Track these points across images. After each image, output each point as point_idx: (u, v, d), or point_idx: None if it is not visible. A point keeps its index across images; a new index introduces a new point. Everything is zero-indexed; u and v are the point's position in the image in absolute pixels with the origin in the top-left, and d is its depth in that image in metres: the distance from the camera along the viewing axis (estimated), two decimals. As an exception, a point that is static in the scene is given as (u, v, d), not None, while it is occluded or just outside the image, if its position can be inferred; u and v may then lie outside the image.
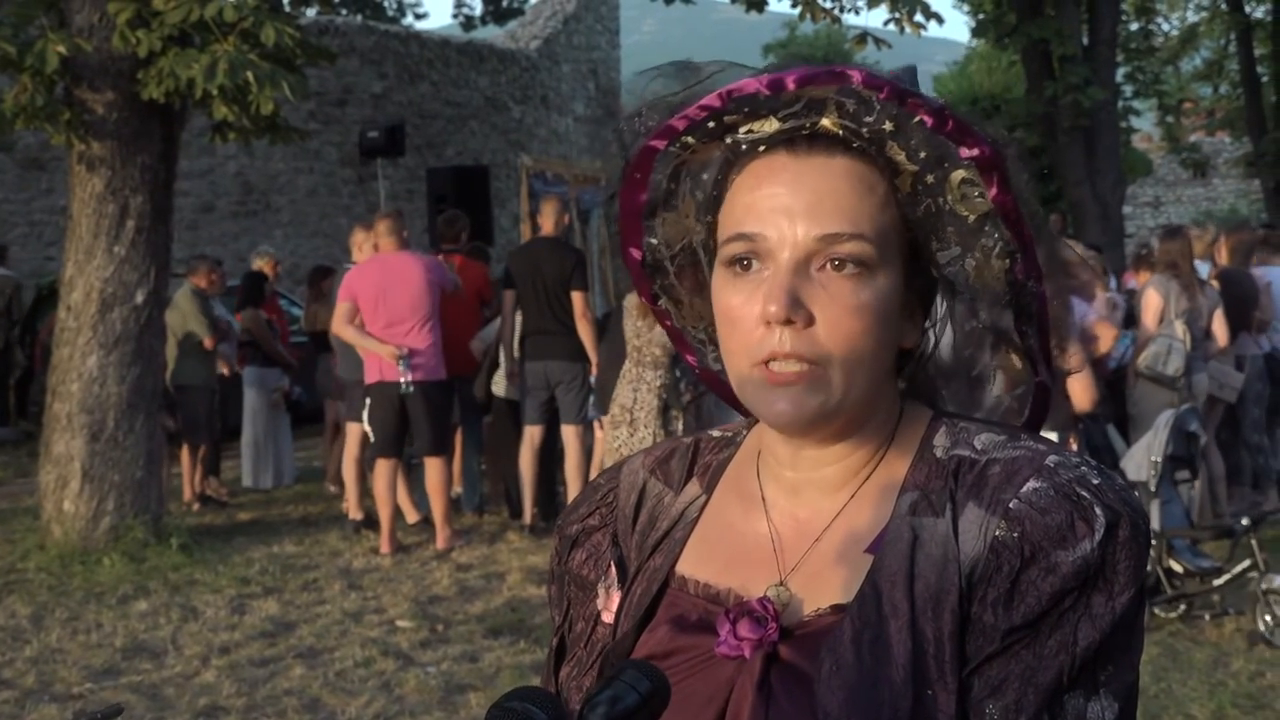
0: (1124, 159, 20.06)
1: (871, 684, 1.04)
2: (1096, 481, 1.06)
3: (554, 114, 22.19)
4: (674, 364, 6.46)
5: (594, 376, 7.72)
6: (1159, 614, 5.98)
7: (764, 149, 1.12)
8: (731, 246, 1.11)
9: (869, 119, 1.08)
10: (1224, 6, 25.56)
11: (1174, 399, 7.24)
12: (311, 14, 17.70)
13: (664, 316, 1.28)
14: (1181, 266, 7.62)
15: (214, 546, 8.05)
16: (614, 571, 1.25)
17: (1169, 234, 8.11)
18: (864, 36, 9.95)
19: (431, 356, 7.72)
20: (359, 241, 8.61)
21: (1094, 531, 1.04)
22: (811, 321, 1.07)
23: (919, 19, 9.92)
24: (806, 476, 1.16)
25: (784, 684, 1.08)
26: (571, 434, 8.05)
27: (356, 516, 8.42)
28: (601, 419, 7.32)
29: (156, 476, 8.14)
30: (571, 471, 8.01)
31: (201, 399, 9.53)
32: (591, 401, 7.83)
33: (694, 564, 1.19)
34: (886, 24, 10.26)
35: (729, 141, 1.13)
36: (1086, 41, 18.24)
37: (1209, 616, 6.00)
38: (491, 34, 24.37)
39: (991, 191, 1.10)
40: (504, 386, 8.37)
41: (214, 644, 6.05)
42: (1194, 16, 28.54)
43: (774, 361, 1.08)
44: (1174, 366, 7.36)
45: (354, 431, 8.39)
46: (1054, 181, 20.88)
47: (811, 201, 1.08)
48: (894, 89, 1.07)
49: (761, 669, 1.08)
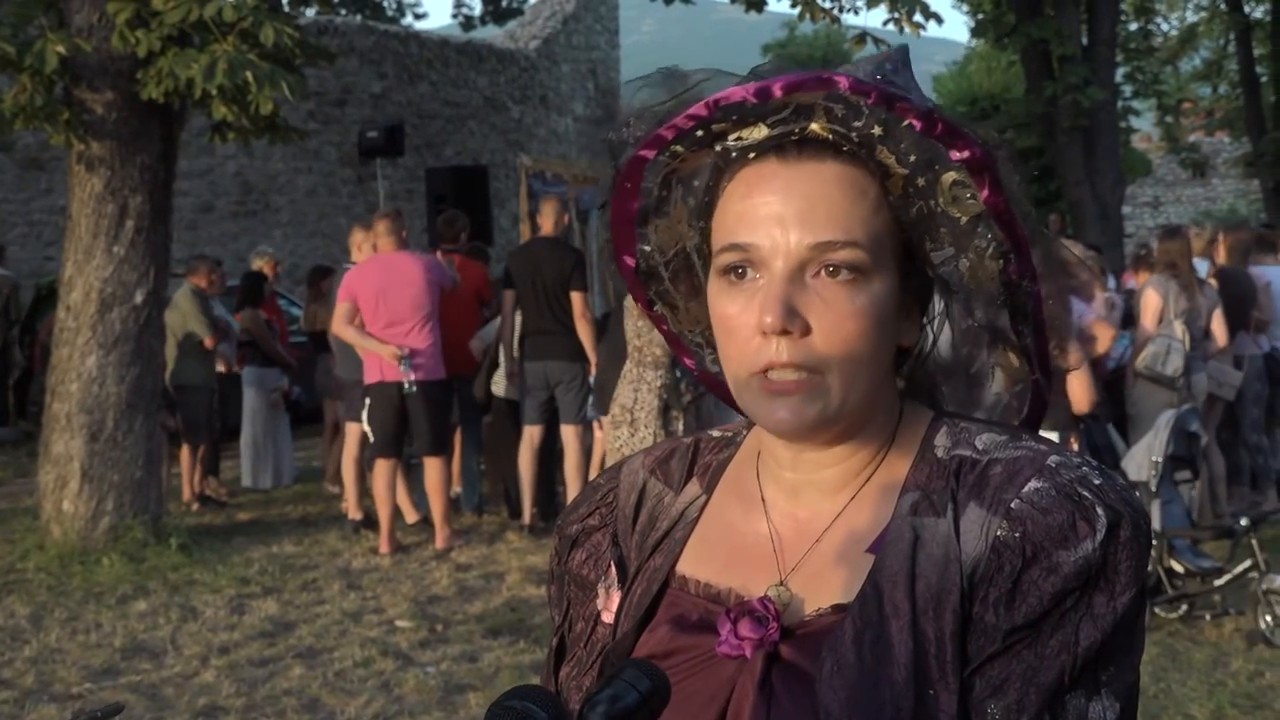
0: (1123, 159, 20.06)
1: (873, 684, 1.04)
2: (1098, 482, 1.06)
3: (553, 114, 22.20)
4: (674, 364, 6.44)
5: (593, 376, 7.72)
6: (1160, 614, 5.98)
7: (754, 155, 1.11)
8: (725, 256, 1.11)
9: (858, 124, 1.07)
10: (1223, 6, 25.57)
11: (1173, 399, 7.24)
12: (311, 14, 17.68)
13: (660, 321, 1.28)
14: (1180, 266, 7.62)
15: (213, 546, 8.05)
16: (614, 571, 1.25)
17: (1168, 234, 8.11)
18: (863, 36, 9.96)
19: (431, 356, 7.72)
20: (358, 241, 8.61)
21: (1095, 532, 1.04)
22: (808, 330, 1.07)
23: (918, 19, 9.93)
24: (807, 478, 1.16)
25: (785, 684, 1.08)
26: (571, 434, 8.05)
27: (356, 516, 8.42)
28: (601, 419, 7.32)
29: (156, 476, 8.14)
30: (571, 471, 8.01)
31: (201, 399, 9.54)
32: (591, 401, 7.83)
33: (694, 564, 1.19)
34: (886, 24, 10.27)
35: (719, 149, 1.13)
36: (1086, 41, 18.25)
37: (1210, 617, 6.00)
38: (491, 34, 24.36)
39: (983, 193, 1.10)
40: (504, 386, 8.37)
41: (213, 644, 6.05)
42: (1193, 16, 28.56)
43: (772, 371, 1.08)
44: (1173, 366, 7.36)
45: (353, 431, 8.39)
46: (1053, 181, 20.90)
47: (803, 208, 1.08)
48: (881, 93, 1.07)
49: (763, 669, 1.08)
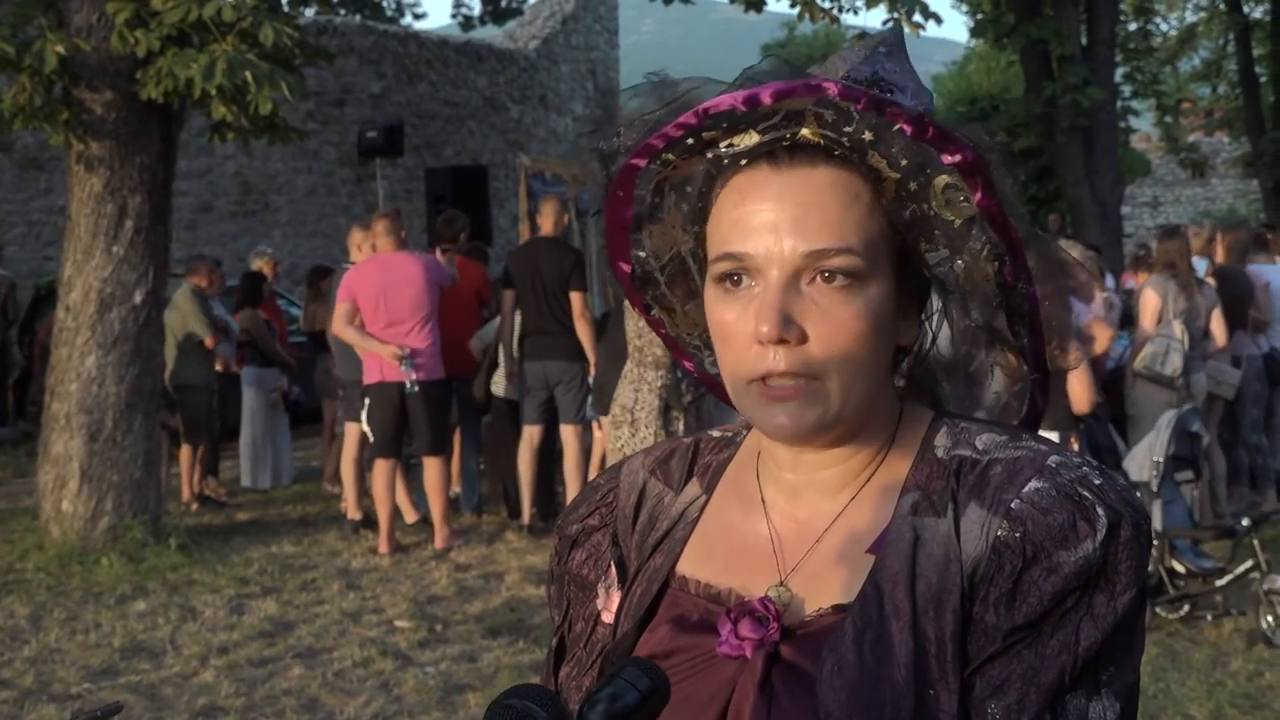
0: (1122, 159, 20.05)
1: (873, 684, 1.04)
2: (1098, 482, 1.06)
3: (552, 114, 22.20)
4: (675, 364, 6.45)
5: (592, 377, 7.72)
6: (1162, 614, 5.98)
7: (746, 162, 1.11)
8: (720, 265, 1.11)
9: (848, 129, 1.07)
10: (1222, 6, 25.57)
11: (1172, 399, 7.24)
12: (310, 14, 17.65)
13: (658, 326, 1.28)
14: (1180, 266, 7.62)
15: (212, 546, 8.05)
16: (614, 571, 1.25)
17: (1167, 234, 8.11)
18: (863, 36, 9.92)
19: (431, 356, 7.72)
20: (357, 241, 8.60)
21: (1096, 532, 1.04)
22: (804, 338, 1.07)
23: (917, 19, 9.95)
24: (807, 478, 1.16)
25: (786, 684, 1.08)
26: (570, 434, 8.05)
27: (355, 516, 8.42)
28: (600, 419, 7.32)
29: (155, 476, 8.14)
30: (570, 471, 8.01)
31: (201, 399, 9.54)
32: (590, 401, 7.83)
33: (694, 564, 1.19)
34: (885, 24, 10.30)
35: (710, 156, 1.13)
36: (1085, 41, 18.24)
37: (1211, 617, 6.00)
38: (490, 34, 24.35)
39: (976, 196, 1.10)
40: (503, 386, 8.37)
41: (212, 644, 6.05)
42: (1192, 16, 28.55)
43: (770, 378, 1.08)
44: (1172, 366, 7.36)
45: (352, 431, 8.39)
46: (1052, 181, 20.91)
47: (797, 215, 1.08)
48: (871, 99, 1.06)
49: (763, 669, 1.08)
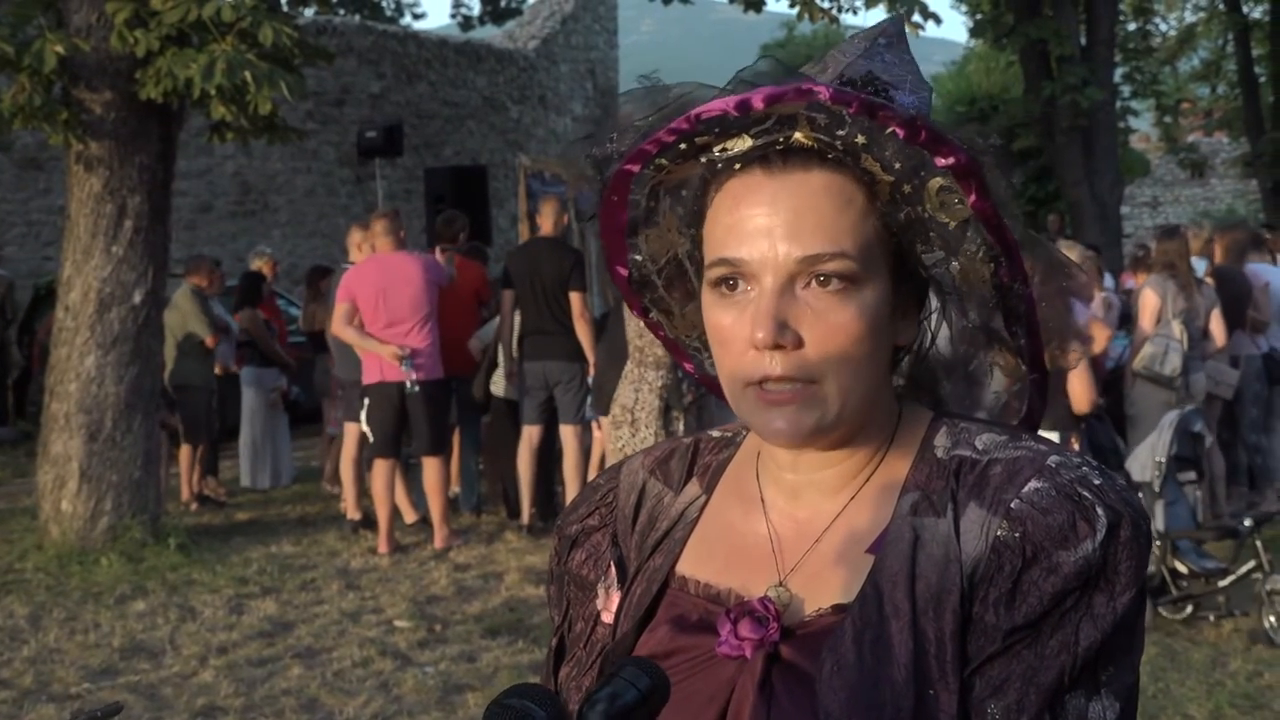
0: (1122, 159, 20.06)
1: (873, 684, 1.04)
2: (1098, 482, 1.06)
3: (552, 114, 22.20)
4: (675, 365, 6.44)
5: (592, 377, 7.72)
6: (1164, 615, 5.98)
7: (739, 167, 1.11)
8: (716, 270, 1.11)
9: (841, 132, 1.07)
10: (1221, 7, 25.58)
11: (1171, 399, 7.24)
12: (309, 14, 17.64)
13: (657, 328, 1.28)
14: (1179, 267, 7.62)
15: (212, 546, 8.05)
16: (614, 571, 1.25)
17: (1166, 234, 8.11)
18: (862, 35, 9.95)
19: (431, 356, 7.72)
20: (356, 241, 8.60)
21: (1095, 532, 1.04)
22: (800, 342, 1.07)
23: (917, 19, 9.94)
24: (807, 479, 1.16)
25: (785, 684, 1.08)
26: (570, 434, 8.05)
27: (354, 516, 8.42)
28: (599, 419, 7.32)
29: (154, 476, 8.14)
30: (569, 471, 8.01)
31: (200, 399, 9.54)
32: (589, 402, 7.83)
33: (694, 564, 1.19)
34: (885, 24, 10.26)
35: (704, 160, 1.13)
36: (1084, 42, 18.25)
37: (1214, 617, 6.00)
38: (489, 34, 24.35)
39: (970, 198, 1.10)
40: (503, 386, 8.37)
41: (212, 644, 6.05)
42: (1192, 17, 28.56)
43: (767, 383, 1.08)
44: (1171, 366, 7.36)
45: (351, 432, 8.39)
46: (1052, 182, 20.92)
47: (791, 220, 1.08)
48: (863, 103, 1.06)
49: (763, 669, 1.08)
